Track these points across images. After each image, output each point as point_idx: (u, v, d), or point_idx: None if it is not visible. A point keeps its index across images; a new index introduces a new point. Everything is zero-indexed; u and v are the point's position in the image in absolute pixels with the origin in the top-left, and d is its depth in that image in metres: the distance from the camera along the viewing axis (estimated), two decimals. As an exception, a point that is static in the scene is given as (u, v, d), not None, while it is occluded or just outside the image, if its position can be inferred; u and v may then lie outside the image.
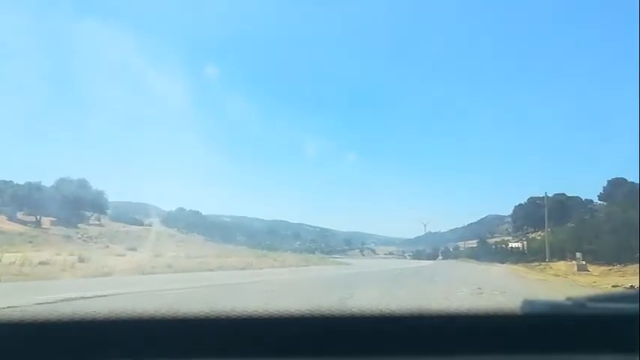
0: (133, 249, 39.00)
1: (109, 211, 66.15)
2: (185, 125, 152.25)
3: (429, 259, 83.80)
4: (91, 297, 10.78)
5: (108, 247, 40.05)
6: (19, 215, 49.39)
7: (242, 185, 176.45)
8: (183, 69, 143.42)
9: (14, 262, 20.16)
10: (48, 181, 55.92)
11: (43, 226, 47.35)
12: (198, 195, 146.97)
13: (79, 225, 53.07)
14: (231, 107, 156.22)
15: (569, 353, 1.19)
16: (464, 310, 1.25)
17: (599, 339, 1.20)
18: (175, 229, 69.07)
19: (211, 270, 26.59)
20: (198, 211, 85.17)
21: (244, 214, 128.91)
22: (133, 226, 62.84)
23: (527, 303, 1.29)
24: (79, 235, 45.84)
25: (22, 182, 52.66)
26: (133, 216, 71.39)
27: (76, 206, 54.20)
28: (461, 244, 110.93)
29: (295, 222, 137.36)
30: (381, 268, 35.97)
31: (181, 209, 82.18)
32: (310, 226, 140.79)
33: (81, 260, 23.71)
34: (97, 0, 73.00)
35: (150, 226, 68.46)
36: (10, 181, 55.53)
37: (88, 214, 60.10)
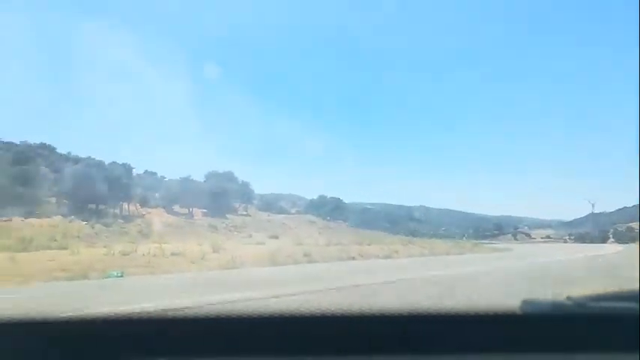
0: (275, 237, 38.16)
1: (255, 202, 67.99)
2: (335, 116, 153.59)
3: (597, 243, 71.36)
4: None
5: (251, 235, 39.78)
6: (175, 208, 52.35)
7: (382, 171, 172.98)
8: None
9: (148, 253, 19.43)
10: (198, 176, 58.82)
11: (195, 218, 49.42)
12: (338, 183, 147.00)
13: (227, 215, 54.76)
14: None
15: (569, 353, 1.19)
16: (464, 310, 1.25)
17: (599, 339, 1.21)
18: (319, 217, 68.55)
19: (353, 258, 23.53)
20: (339, 198, 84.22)
21: (385, 200, 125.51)
22: (278, 215, 63.58)
23: (527, 303, 1.31)
24: (224, 225, 46.76)
25: (176, 177, 56.25)
26: (279, 204, 72.85)
27: (225, 198, 56.16)
28: (634, 224, 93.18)
29: (438, 207, 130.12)
30: (563, 255, 29.16)
31: (323, 197, 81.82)
32: (454, 210, 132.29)
33: (215, 250, 22.40)
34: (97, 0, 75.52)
35: (293, 214, 69.21)
36: (163, 177, 59.82)
37: (237, 205, 62.17)
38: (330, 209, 75.33)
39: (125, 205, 44.94)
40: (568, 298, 1.31)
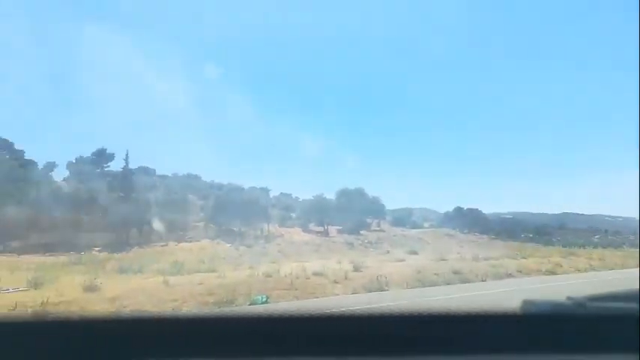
0: (414, 252, 36.02)
1: (387, 217, 66.47)
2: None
3: None
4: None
5: (388, 252, 38.15)
6: (311, 226, 53.07)
7: (527, 180, 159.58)
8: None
9: (290, 274, 18.89)
10: (329, 193, 59.18)
11: (330, 235, 49.44)
12: (474, 194, 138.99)
13: (361, 232, 54.01)
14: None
15: (569, 353, 1.19)
16: (464, 310, 1.25)
17: (599, 339, 1.21)
18: (456, 230, 64.49)
19: (510, 275, 20.62)
20: (477, 209, 78.67)
21: (526, 209, 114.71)
22: (412, 230, 61.17)
23: (528, 303, 1.32)
24: (360, 242, 45.81)
25: (310, 197, 57.28)
26: (411, 219, 70.41)
27: (358, 214, 55.72)
28: None
29: (589, 213, 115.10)
30: None
31: (459, 208, 77.15)
32: (609, 216, 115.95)
33: (356, 268, 21.19)
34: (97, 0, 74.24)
35: (427, 228, 66.03)
36: (297, 197, 61.27)
37: (369, 220, 61.28)
38: (467, 221, 70.58)
39: (265, 226, 46.47)
40: (568, 298, 1.31)
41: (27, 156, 47.76)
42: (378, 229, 59.54)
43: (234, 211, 42.83)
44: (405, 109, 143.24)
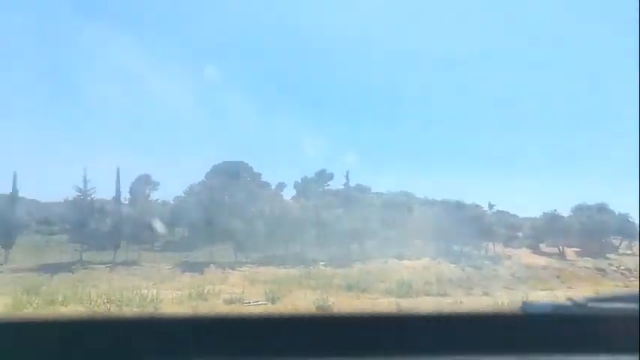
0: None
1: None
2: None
3: None
4: None
5: (656, 282, 30.30)
6: (542, 247, 46.78)
7: None
8: None
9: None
10: (563, 210, 51.32)
11: (567, 258, 42.56)
12: None
13: (607, 255, 45.23)
14: None
15: (569, 353, 1.19)
16: (464, 310, 1.29)
17: (599, 339, 1.21)
18: None
19: None
20: None
21: None
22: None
23: (528, 303, 1.32)
24: (614, 268, 37.89)
25: (538, 213, 50.71)
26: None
27: (599, 233, 47.11)
28: None
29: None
30: None
31: None
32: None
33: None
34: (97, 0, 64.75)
35: None
36: (515, 214, 54.74)
37: (616, 241, 51.18)
38: None
39: (488, 246, 42.43)
40: (568, 298, 1.32)
41: (263, 178, 53.63)
42: (630, 252, 49.23)
43: (454, 229, 40.23)
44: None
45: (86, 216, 38.63)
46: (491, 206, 47.38)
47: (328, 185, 55.37)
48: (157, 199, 48.60)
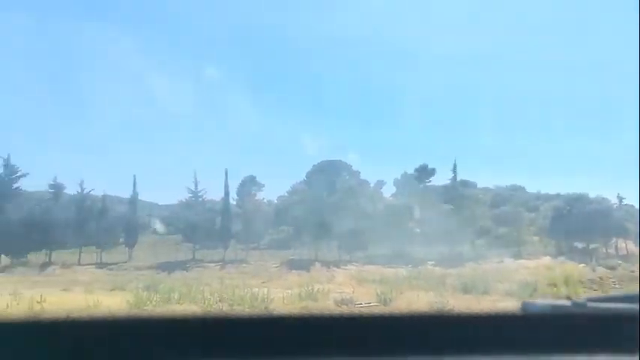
0: None
1: None
2: None
3: None
4: None
5: None
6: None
7: None
8: None
9: None
10: None
11: None
12: None
13: None
14: None
15: (569, 353, 1.19)
16: (464, 310, 1.26)
17: (599, 339, 1.20)
18: None
19: None
20: None
21: None
22: None
23: (527, 303, 1.33)
24: None
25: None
26: None
27: None
28: None
29: None
30: None
31: None
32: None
33: None
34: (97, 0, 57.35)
35: None
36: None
37: None
38: None
39: (619, 243, 37.84)
40: (568, 298, 1.32)
41: (362, 176, 52.92)
42: None
43: (575, 225, 36.33)
44: None
45: (198, 216, 40.79)
46: (620, 199, 42.19)
47: (430, 182, 53.14)
48: (263, 199, 50.06)
